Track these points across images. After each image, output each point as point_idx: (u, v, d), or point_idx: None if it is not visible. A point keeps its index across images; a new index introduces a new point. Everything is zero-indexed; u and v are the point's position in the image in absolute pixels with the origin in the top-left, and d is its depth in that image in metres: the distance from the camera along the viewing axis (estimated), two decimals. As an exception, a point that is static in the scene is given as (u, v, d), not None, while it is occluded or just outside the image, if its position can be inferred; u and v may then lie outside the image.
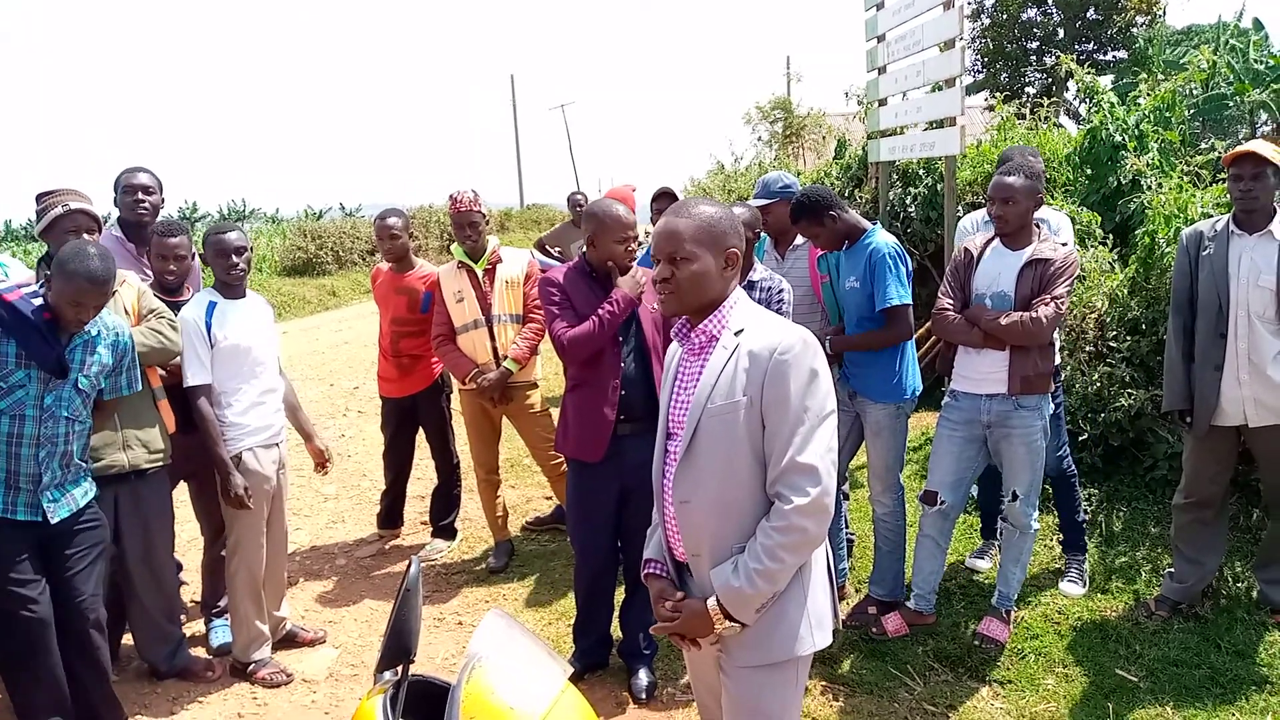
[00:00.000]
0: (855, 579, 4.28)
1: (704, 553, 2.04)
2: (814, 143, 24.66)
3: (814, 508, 1.92)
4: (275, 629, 3.97)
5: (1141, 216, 5.01)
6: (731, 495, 2.00)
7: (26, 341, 2.86)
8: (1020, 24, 24.44)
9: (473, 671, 1.71)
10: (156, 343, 3.41)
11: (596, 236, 3.35)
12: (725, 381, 1.99)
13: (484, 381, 4.34)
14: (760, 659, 2.04)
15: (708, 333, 2.08)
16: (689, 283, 2.05)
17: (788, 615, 2.03)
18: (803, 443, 1.93)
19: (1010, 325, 3.39)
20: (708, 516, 2.02)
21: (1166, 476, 4.50)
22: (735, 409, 1.97)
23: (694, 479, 2.03)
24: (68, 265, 2.84)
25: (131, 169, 4.02)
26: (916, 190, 6.92)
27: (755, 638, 2.03)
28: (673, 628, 2.07)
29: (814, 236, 3.78)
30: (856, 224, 3.72)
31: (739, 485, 1.99)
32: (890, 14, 6.21)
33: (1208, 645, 3.58)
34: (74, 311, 2.89)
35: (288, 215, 29.75)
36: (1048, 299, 3.37)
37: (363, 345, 11.74)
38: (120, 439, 3.37)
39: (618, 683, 3.62)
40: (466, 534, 5.24)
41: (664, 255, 2.06)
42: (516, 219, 30.70)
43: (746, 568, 1.94)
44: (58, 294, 2.88)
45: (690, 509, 2.04)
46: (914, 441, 5.77)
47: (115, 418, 3.35)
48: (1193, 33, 12.57)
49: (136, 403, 3.41)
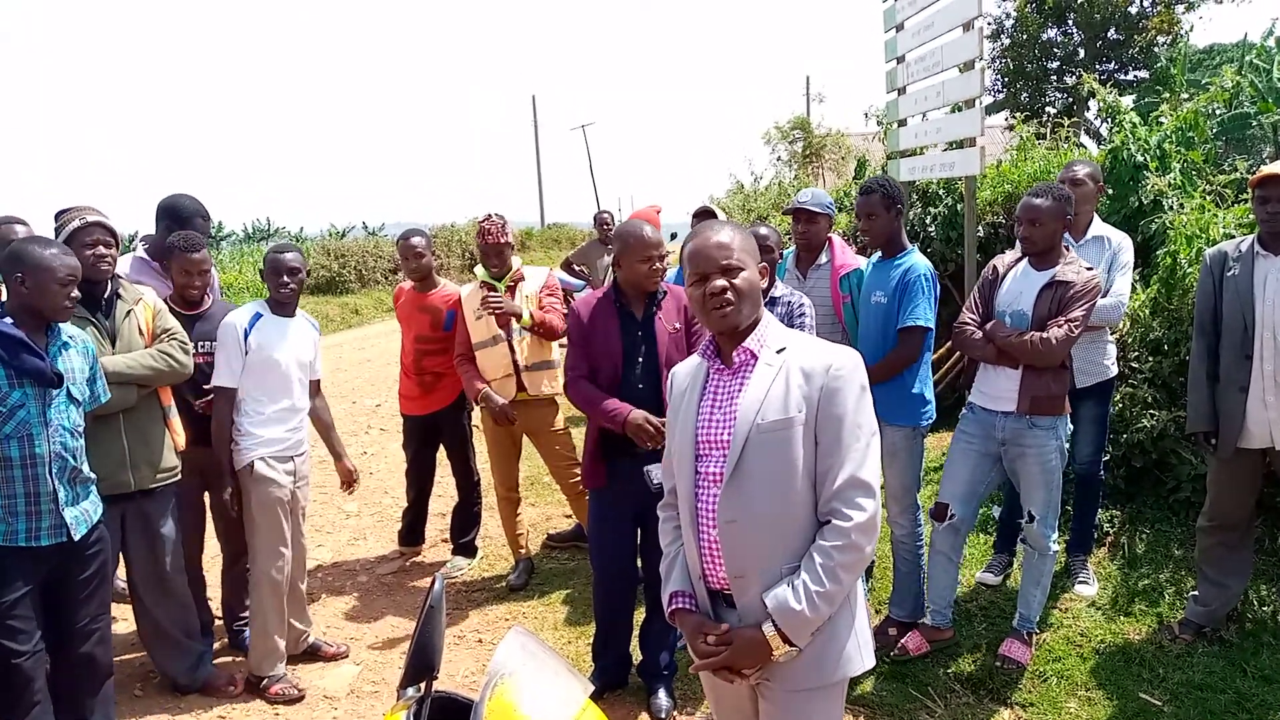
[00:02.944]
0: (875, 600, 4.26)
1: (751, 574, 1.99)
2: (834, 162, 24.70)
3: (871, 524, 1.92)
4: (297, 641, 4.01)
5: (1163, 237, 4.99)
6: (782, 513, 1.97)
7: (14, 358, 2.81)
8: (1040, 44, 24.39)
9: (496, 688, 1.73)
10: (165, 366, 3.44)
11: (622, 256, 3.38)
12: (777, 398, 1.98)
13: (490, 406, 4.39)
14: (814, 681, 2.01)
15: (749, 350, 2.06)
16: (749, 290, 2.04)
17: (839, 636, 2.01)
18: (860, 459, 1.93)
19: (1020, 344, 3.40)
20: (758, 536, 1.98)
21: (1190, 498, 4.46)
22: (789, 425, 1.95)
23: (743, 498, 1.98)
24: (29, 254, 2.85)
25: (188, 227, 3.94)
26: (936, 210, 6.92)
27: (808, 661, 1.99)
28: (722, 660, 1.97)
29: (870, 221, 3.76)
30: (901, 237, 3.77)
31: (791, 503, 1.97)
32: (910, 35, 6.24)
33: (1233, 669, 3.54)
34: (66, 293, 2.88)
35: (312, 234, 30.07)
36: (1062, 321, 3.37)
37: (385, 363, 11.83)
38: (127, 458, 3.37)
39: (637, 702, 3.62)
40: (487, 551, 5.26)
41: (716, 268, 2.03)
42: (537, 238, 30.87)
43: (808, 589, 1.90)
44: (43, 287, 2.85)
45: (737, 529, 1.99)
46: (933, 462, 5.74)
47: (122, 437, 3.36)
48: (1215, 52, 12.54)
49: (144, 422, 3.44)
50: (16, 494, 2.84)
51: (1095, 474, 4.25)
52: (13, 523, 2.84)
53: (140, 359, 3.38)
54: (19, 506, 2.85)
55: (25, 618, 2.89)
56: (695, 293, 2.07)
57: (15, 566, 2.87)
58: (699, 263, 2.05)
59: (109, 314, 3.40)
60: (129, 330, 3.43)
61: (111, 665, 3.29)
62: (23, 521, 2.85)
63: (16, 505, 2.84)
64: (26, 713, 2.91)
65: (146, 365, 3.38)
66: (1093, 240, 4.09)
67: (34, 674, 2.91)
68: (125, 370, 3.31)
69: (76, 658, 3.11)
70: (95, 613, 3.13)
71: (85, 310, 3.33)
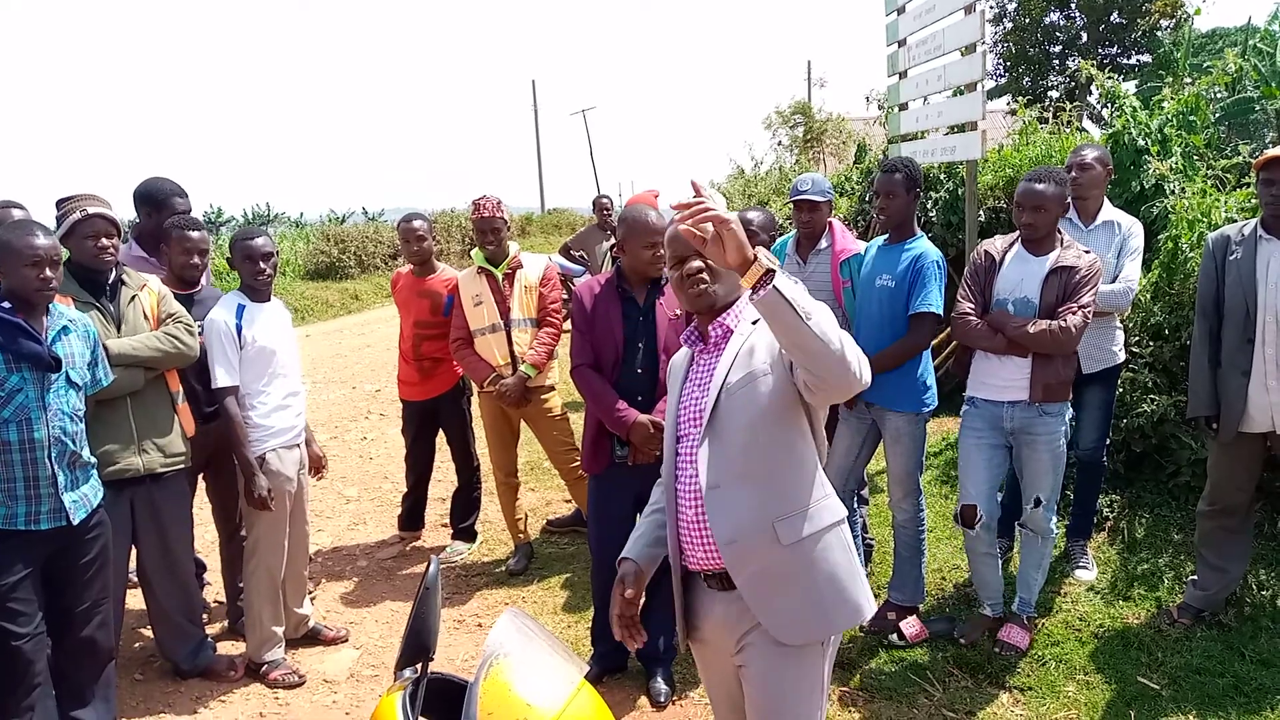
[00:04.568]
0: (874, 584, 4.27)
1: (743, 539, 2.00)
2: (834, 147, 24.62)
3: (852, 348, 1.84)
4: (298, 626, 4.02)
5: (1164, 221, 4.97)
6: (761, 468, 2.00)
7: (11, 341, 2.81)
8: (1043, 28, 24.30)
9: (491, 667, 1.73)
10: (171, 348, 3.43)
11: (627, 242, 3.37)
12: (743, 357, 2.03)
13: (503, 387, 4.37)
14: (798, 637, 2.02)
15: (725, 325, 2.11)
16: (725, 271, 2.04)
17: (821, 597, 2.03)
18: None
19: (1039, 334, 3.37)
20: (742, 495, 2.00)
21: (1189, 483, 4.46)
22: (753, 379, 2.00)
23: (723, 460, 2.02)
24: (2, 236, 2.85)
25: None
26: (938, 195, 6.90)
27: (791, 616, 2.01)
28: (710, 215, 1.79)
29: (888, 199, 3.73)
30: (913, 221, 3.76)
31: (770, 457, 2.00)
32: (911, 19, 6.20)
33: (1231, 654, 3.54)
34: (35, 273, 2.84)
35: (311, 219, 30.03)
36: (1075, 308, 3.35)
37: (384, 349, 11.83)
38: (136, 443, 3.37)
39: (636, 686, 3.63)
40: (486, 536, 5.27)
41: (692, 251, 2.05)
42: (537, 223, 30.83)
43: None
44: (11, 270, 2.84)
45: (720, 494, 2.02)
46: (934, 446, 5.76)
47: (130, 422, 3.35)
48: (1218, 36, 12.46)
49: (153, 407, 3.44)
50: (15, 478, 2.84)
51: (1098, 459, 4.24)
52: (12, 506, 2.84)
53: (146, 341, 3.37)
54: (18, 490, 2.85)
55: (26, 600, 2.89)
56: (673, 275, 2.14)
57: (15, 550, 2.87)
58: (677, 247, 2.11)
59: (113, 299, 3.40)
60: (134, 315, 3.42)
61: (113, 649, 3.30)
62: (22, 505, 2.86)
63: (15, 489, 2.84)
64: (27, 695, 2.92)
65: (153, 347, 3.37)
66: (1103, 225, 4.06)
67: (35, 657, 2.92)
68: (131, 352, 3.31)
69: (77, 641, 3.12)
70: (96, 597, 3.13)
71: (90, 295, 3.33)
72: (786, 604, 2.02)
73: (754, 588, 2.02)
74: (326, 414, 8.60)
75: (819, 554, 2.04)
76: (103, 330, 3.25)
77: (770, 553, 2.00)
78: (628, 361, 3.39)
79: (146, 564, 3.56)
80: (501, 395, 4.39)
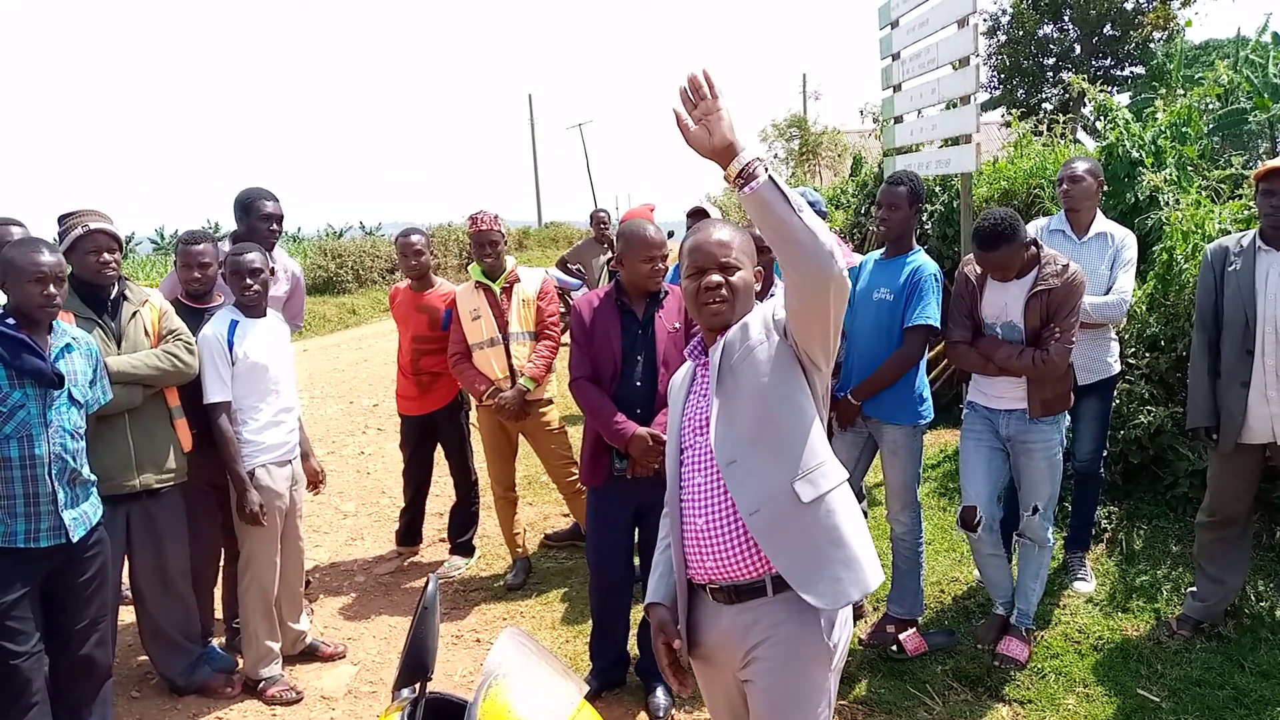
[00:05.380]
0: (873, 598, 4.26)
1: (766, 507, 1.99)
2: (830, 160, 24.70)
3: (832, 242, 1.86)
4: (295, 642, 4.01)
5: (1159, 233, 4.99)
6: (772, 431, 2.00)
7: (15, 358, 2.81)
8: (1037, 40, 24.42)
9: (489, 689, 1.72)
10: (170, 366, 3.43)
11: (626, 255, 3.38)
12: (737, 336, 2.07)
13: (501, 400, 4.37)
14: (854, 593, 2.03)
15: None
16: (744, 289, 2.09)
17: (865, 541, 2.07)
18: None
19: (1025, 365, 3.42)
20: (756, 460, 2.00)
21: (1187, 494, 4.46)
22: (750, 350, 2.03)
23: (733, 432, 2.02)
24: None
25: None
26: (933, 207, 6.93)
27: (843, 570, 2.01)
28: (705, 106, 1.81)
29: (891, 211, 3.71)
30: (911, 236, 3.79)
31: (777, 419, 2.00)
32: (904, 33, 6.23)
33: (1231, 665, 3.54)
34: (39, 289, 2.84)
35: (308, 234, 30.09)
36: (1058, 332, 3.39)
37: (382, 363, 11.82)
38: (133, 459, 3.36)
39: (635, 701, 3.62)
40: (484, 551, 5.26)
41: (714, 264, 2.07)
42: (534, 237, 30.86)
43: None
44: (15, 286, 2.85)
45: (738, 467, 2.01)
46: (931, 459, 5.75)
47: (128, 437, 3.36)
48: (1211, 47, 12.53)
49: (150, 423, 3.44)
50: (15, 495, 2.84)
51: (1095, 471, 4.25)
52: (11, 524, 2.84)
53: (145, 359, 3.37)
54: (18, 508, 2.84)
55: (24, 618, 2.88)
56: (690, 286, 2.12)
57: (14, 567, 2.86)
58: (698, 257, 2.10)
59: (115, 315, 3.41)
60: (135, 331, 3.43)
61: (110, 667, 3.29)
62: (21, 523, 2.85)
63: (15, 506, 2.84)
64: (24, 713, 2.91)
65: (151, 365, 3.38)
66: (1096, 237, 4.08)
67: (32, 675, 2.91)
68: (130, 370, 3.31)
69: (75, 659, 3.10)
70: (94, 615, 3.12)
71: (91, 311, 3.34)
72: (824, 570, 2.00)
73: (791, 562, 1.99)
74: (324, 429, 8.58)
75: (838, 509, 2.04)
76: (103, 346, 3.26)
77: (794, 515, 1.99)
78: (626, 374, 3.40)
79: (141, 579, 3.54)
80: (500, 408, 4.39)
